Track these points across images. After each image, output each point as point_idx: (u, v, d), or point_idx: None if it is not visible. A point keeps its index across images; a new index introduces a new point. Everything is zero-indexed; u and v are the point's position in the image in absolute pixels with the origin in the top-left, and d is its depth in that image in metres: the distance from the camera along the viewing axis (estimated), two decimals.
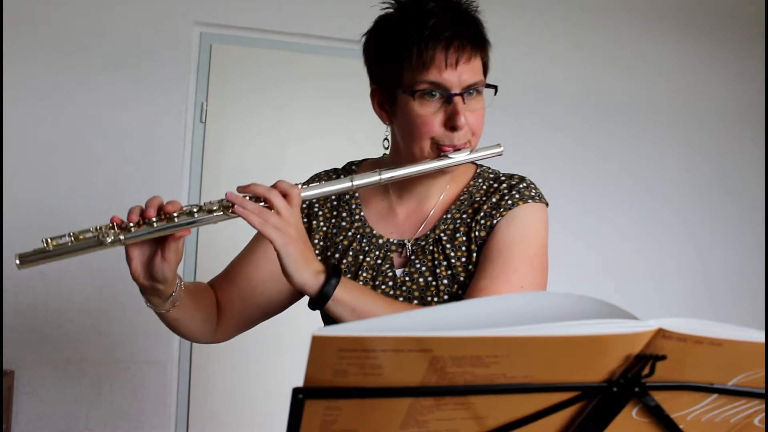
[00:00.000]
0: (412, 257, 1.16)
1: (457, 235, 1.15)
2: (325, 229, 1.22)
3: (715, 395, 0.67)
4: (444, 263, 1.14)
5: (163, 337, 2.54)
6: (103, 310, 2.54)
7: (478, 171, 1.22)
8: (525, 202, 1.14)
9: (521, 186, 1.16)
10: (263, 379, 2.66)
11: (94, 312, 2.53)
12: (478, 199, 1.17)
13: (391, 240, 1.18)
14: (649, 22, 3.18)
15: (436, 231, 1.16)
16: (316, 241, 1.21)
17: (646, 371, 0.62)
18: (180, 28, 2.67)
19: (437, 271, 1.13)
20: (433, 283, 1.13)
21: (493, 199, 1.15)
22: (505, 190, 1.15)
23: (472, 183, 1.20)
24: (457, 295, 1.12)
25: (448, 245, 1.14)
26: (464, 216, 1.16)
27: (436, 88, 1.05)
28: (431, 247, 1.15)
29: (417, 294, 1.13)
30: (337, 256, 1.19)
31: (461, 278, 1.13)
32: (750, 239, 3.25)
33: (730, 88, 3.27)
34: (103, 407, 2.54)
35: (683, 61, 3.22)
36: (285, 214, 0.97)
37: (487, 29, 1.13)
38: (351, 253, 1.18)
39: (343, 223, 1.21)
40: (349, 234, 1.19)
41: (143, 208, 0.98)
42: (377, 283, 1.15)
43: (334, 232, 1.21)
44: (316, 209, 1.23)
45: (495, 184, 1.18)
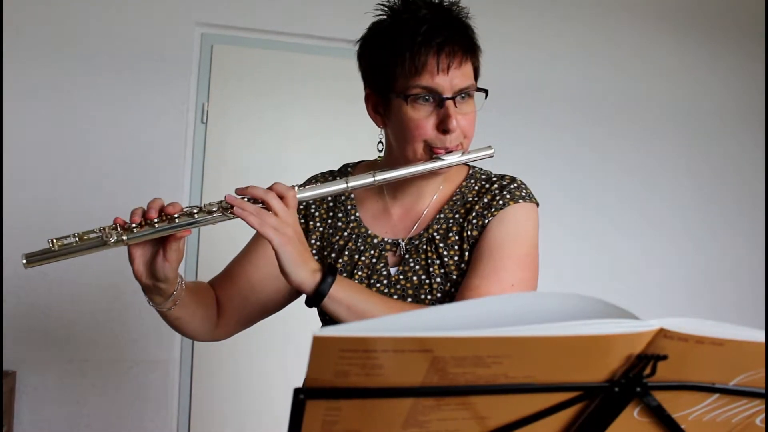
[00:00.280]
0: (406, 256, 1.19)
1: (450, 234, 1.18)
2: (321, 230, 1.24)
3: (717, 395, 0.67)
4: (437, 262, 1.16)
5: (165, 337, 2.55)
6: (105, 311, 2.54)
7: (470, 172, 1.25)
8: (516, 202, 1.17)
9: (512, 186, 1.19)
10: (265, 379, 2.66)
11: (96, 312, 2.54)
12: (470, 200, 1.20)
13: (386, 239, 1.21)
14: (648, 22, 3.18)
15: (430, 231, 1.19)
16: (313, 241, 1.24)
17: (648, 371, 0.62)
18: (181, 29, 2.67)
19: (430, 269, 1.16)
20: (427, 282, 1.16)
21: (485, 200, 1.18)
22: (497, 191, 1.18)
23: (464, 184, 1.23)
24: (449, 293, 1.15)
25: (441, 244, 1.17)
26: (457, 216, 1.19)
27: (428, 93, 1.08)
28: (425, 247, 1.18)
29: (411, 292, 1.16)
30: (333, 256, 1.22)
31: (454, 276, 1.16)
32: (751, 238, 3.25)
33: (730, 87, 3.27)
34: (105, 407, 2.54)
35: (684, 61, 3.22)
36: (282, 215, 1.00)
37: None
38: (347, 253, 1.21)
39: (339, 224, 1.24)
40: (345, 234, 1.22)
41: (145, 209, 1.01)
42: (372, 282, 1.18)
43: (331, 232, 1.24)
44: (312, 210, 1.25)
45: (487, 185, 1.21)
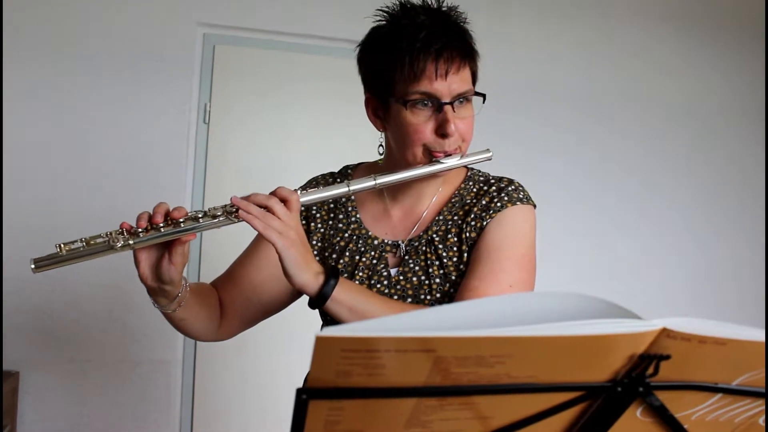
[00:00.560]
0: (406, 257, 1.20)
1: (449, 236, 1.20)
2: (322, 231, 1.26)
3: (720, 395, 0.67)
4: (436, 263, 1.18)
5: (168, 337, 2.55)
6: (108, 311, 2.54)
7: (468, 174, 1.26)
8: (513, 204, 1.18)
9: (510, 189, 1.20)
10: (267, 379, 2.66)
11: (99, 313, 2.54)
12: (469, 202, 1.22)
13: (386, 241, 1.23)
14: (649, 21, 3.18)
15: (429, 232, 1.21)
16: (314, 242, 1.26)
17: (651, 371, 0.62)
18: (183, 29, 2.68)
19: (430, 270, 1.18)
20: (426, 282, 1.18)
21: (483, 202, 1.20)
22: (494, 193, 1.20)
23: (463, 186, 1.25)
24: (449, 294, 1.17)
25: (440, 246, 1.19)
26: (455, 218, 1.21)
27: (427, 98, 1.10)
28: (424, 248, 1.20)
29: (411, 292, 1.18)
30: (335, 257, 1.24)
31: (453, 277, 1.17)
32: (753, 237, 3.24)
33: (731, 86, 3.27)
34: (108, 407, 2.54)
35: (685, 60, 3.22)
36: (285, 219, 1.02)
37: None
38: (348, 254, 1.22)
39: (340, 225, 1.25)
40: (346, 235, 1.24)
41: (151, 214, 1.02)
42: (373, 282, 1.20)
43: (332, 233, 1.26)
44: (314, 212, 1.27)
45: (485, 187, 1.23)
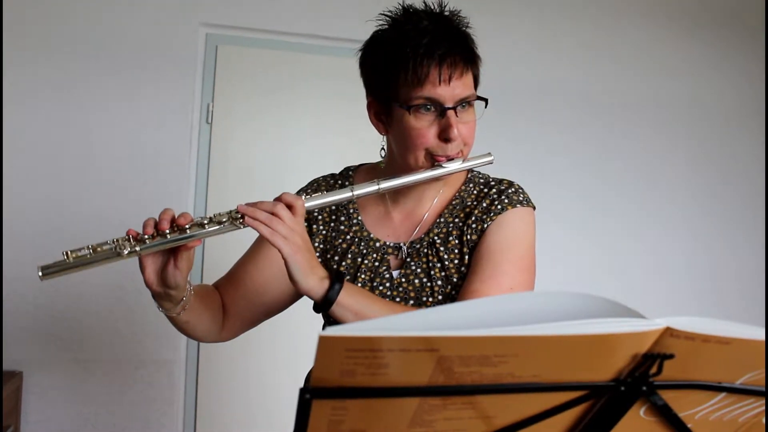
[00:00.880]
0: (408, 259, 1.21)
1: (450, 238, 1.21)
2: (324, 233, 1.27)
3: (723, 394, 0.67)
4: (438, 265, 1.19)
5: (171, 336, 2.55)
6: (111, 311, 2.55)
7: (469, 176, 1.27)
8: (513, 206, 1.19)
9: (510, 191, 1.21)
10: (271, 379, 2.67)
11: (102, 312, 2.54)
12: (470, 204, 1.23)
13: (388, 243, 1.23)
14: (654, 21, 3.17)
15: (430, 234, 1.22)
16: (317, 244, 1.27)
17: (654, 370, 0.62)
18: (186, 29, 2.68)
19: (431, 272, 1.19)
20: (428, 284, 1.19)
21: (484, 204, 1.21)
22: (495, 195, 1.21)
23: (463, 188, 1.25)
24: (450, 296, 1.18)
25: (442, 248, 1.20)
26: (456, 220, 1.22)
27: (430, 103, 1.10)
28: (425, 250, 1.21)
29: (413, 294, 1.19)
30: (337, 259, 1.25)
31: (454, 279, 1.18)
32: (756, 237, 3.24)
33: (736, 86, 3.26)
34: (111, 407, 2.55)
35: (689, 60, 3.21)
36: (291, 225, 1.03)
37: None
38: (350, 256, 1.23)
39: (342, 227, 1.26)
40: (348, 237, 1.25)
41: (156, 220, 1.03)
42: (375, 285, 1.21)
43: (333, 235, 1.26)
44: (315, 213, 1.28)
45: (485, 189, 1.24)
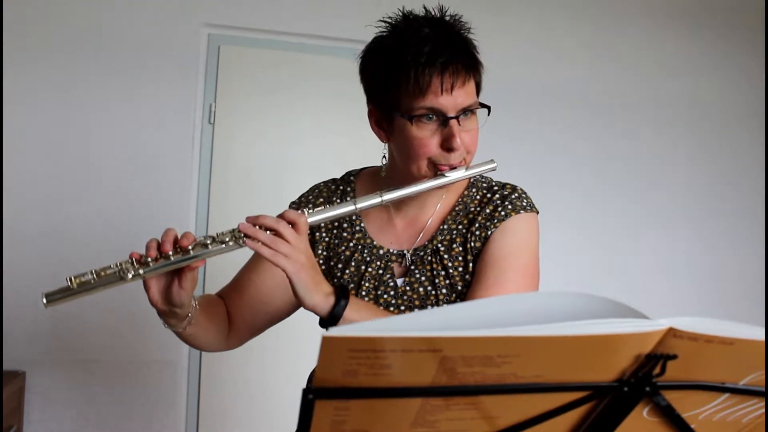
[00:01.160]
0: (412, 267, 1.20)
1: (454, 245, 1.20)
2: (327, 240, 1.26)
3: (727, 394, 0.67)
4: (442, 273, 1.18)
5: (174, 337, 2.54)
6: (113, 311, 2.55)
7: (471, 181, 1.26)
8: (517, 213, 1.18)
9: (513, 196, 1.20)
10: (273, 379, 2.67)
11: (104, 313, 2.55)
12: (473, 210, 1.22)
13: (391, 250, 1.22)
14: (655, 21, 3.17)
15: (434, 242, 1.21)
16: (320, 252, 1.26)
17: (657, 370, 0.62)
18: (188, 29, 2.68)
19: (436, 281, 1.18)
20: (433, 293, 1.18)
21: (487, 210, 1.20)
22: (498, 201, 1.20)
23: (466, 193, 1.24)
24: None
25: (446, 256, 1.19)
26: (460, 227, 1.21)
27: (432, 113, 1.09)
28: (430, 258, 1.20)
29: (418, 303, 1.18)
30: (340, 266, 1.24)
31: (459, 287, 1.17)
32: (757, 236, 3.23)
33: (737, 86, 3.25)
34: (114, 407, 2.55)
35: (691, 60, 3.21)
36: (294, 243, 1.01)
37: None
38: (353, 264, 1.22)
39: (344, 234, 1.25)
40: (351, 245, 1.24)
41: (159, 241, 1.03)
42: (379, 293, 1.20)
43: (336, 242, 1.25)
44: None
45: (488, 194, 1.22)
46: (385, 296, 1.19)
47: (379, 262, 1.21)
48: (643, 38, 3.15)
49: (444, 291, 1.17)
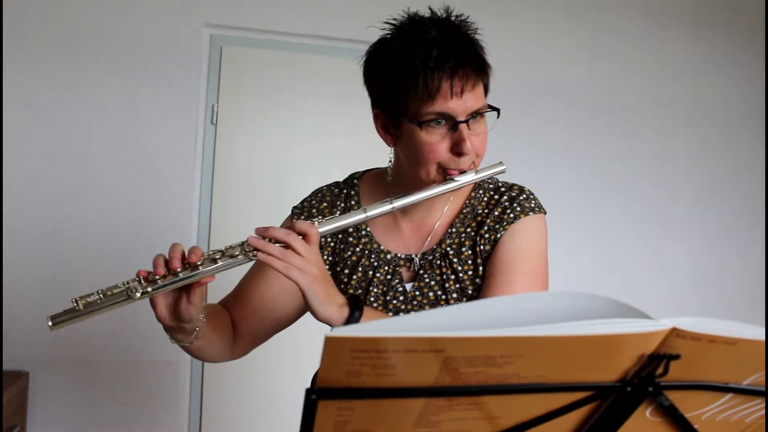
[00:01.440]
0: (421, 272, 1.19)
1: (463, 249, 1.18)
2: (333, 245, 1.24)
3: (730, 395, 0.67)
4: (452, 277, 1.17)
5: None
6: (116, 311, 2.54)
7: (478, 182, 1.23)
8: (526, 215, 1.17)
9: (521, 198, 1.19)
10: (276, 379, 2.67)
11: (107, 313, 2.55)
12: (481, 212, 1.20)
13: (399, 255, 1.21)
14: (657, 21, 3.16)
15: (443, 245, 1.19)
16: (325, 257, 1.24)
17: (660, 371, 0.61)
18: (190, 30, 2.68)
19: (446, 285, 1.17)
20: (443, 297, 1.17)
21: (496, 212, 1.18)
22: (506, 203, 1.19)
23: (473, 195, 1.23)
24: None
25: (455, 259, 1.18)
26: (468, 230, 1.20)
27: (441, 117, 1.06)
28: (438, 262, 1.18)
29: (428, 308, 1.16)
30: (347, 272, 1.22)
31: (469, 291, 1.16)
32: (758, 236, 3.22)
33: (739, 86, 3.25)
34: (117, 408, 2.55)
35: (693, 60, 3.20)
36: (306, 255, 1.00)
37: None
38: (360, 269, 1.21)
39: (350, 239, 1.23)
40: (357, 249, 1.22)
41: (167, 258, 1.00)
42: (388, 299, 1.18)
43: (342, 247, 1.24)
44: None
45: (496, 196, 1.21)
46: (395, 302, 1.18)
47: (386, 267, 1.20)
48: (643, 38, 3.15)
49: (455, 295, 1.16)
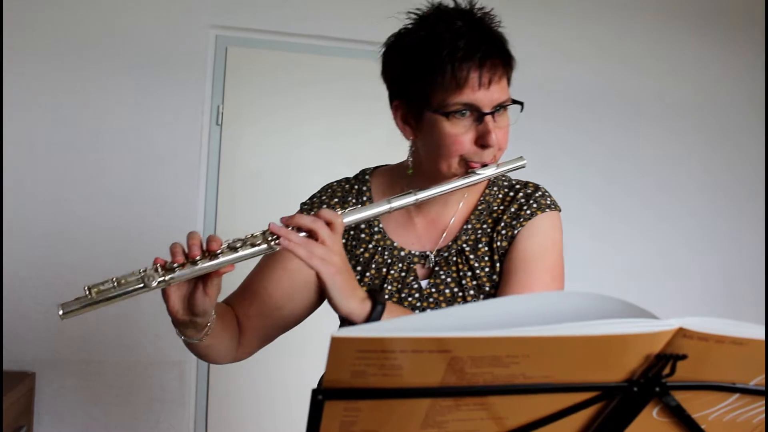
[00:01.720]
0: (436, 268, 1.17)
1: (480, 245, 1.17)
2: (344, 241, 1.21)
3: (737, 395, 0.67)
4: (469, 274, 1.15)
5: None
6: (122, 312, 2.56)
7: (492, 179, 1.22)
8: (542, 211, 1.16)
9: (537, 195, 1.18)
10: (282, 380, 2.67)
11: (113, 313, 2.55)
12: (496, 209, 1.19)
13: (413, 252, 1.19)
14: (665, 20, 3.15)
15: (458, 242, 1.18)
16: None
17: (667, 371, 0.61)
18: (196, 31, 2.69)
19: (463, 281, 1.15)
20: (460, 294, 1.15)
21: (512, 209, 1.17)
22: (523, 200, 1.18)
23: (487, 191, 1.21)
24: None
25: (472, 256, 1.16)
26: (484, 226, 1.18)
27: (467, 108, 1.05)
28: (455, 258, 1.17)
29: (444, 305, 1.14)
30: (360, 269, 1.20)
31: (486, 288, 1.15)
32: None
33: (748, 85, 3.23)
34: (123, 408, 2.56)
35: (701, 58, 3.19)
36: (329, 243, 0.97)
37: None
38: (374, 266, 1.18)
39: (362, 235, 1.21)
40: (370, 246, 1.20)
41: (185, 247, 0.97)
42: (403, 296, 1.17)
43: (354, 244, 1.21)
44: None
45: (511, 193, 1.20)
46: (410, 299, 1.16)
47: (400, 264, 1.18)
48: (656, 37, 3.13)
49: (471, 292, 1.14)
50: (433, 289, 1.16)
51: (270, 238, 0.97)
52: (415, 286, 1.17)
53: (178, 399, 2.61)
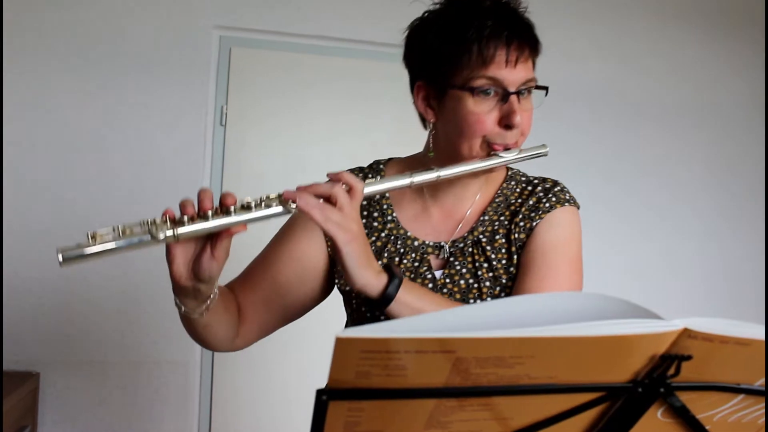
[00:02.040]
0: (451, 259, 1.15)
1: (497, 237, 1.15)
2: None
3: (742, 396, 0.66)
4: (485, 265, 1.13)
5: (186, 337, 2.54)
6: (126, 312, 2.56)
7: (509, 173, 1.22)
8: (562, 205, 1.15)
9: (556, 189, 1.17)
10: (286, 380, 2.67)
11: (117, 313, 2.56)
12: (514, 202, 1.18)
13: (427, 242, 1.17)
14: (665, 20, 3.15)
15: (475, 233, 1.16)
16: None
17: (672, 371, 0.61)
18: (199, 31, 2.69)
19: (479, 273, 1.13)
20: (475, 286, 1.13)
21: (531, 202, 1.16)
22: (541, 193, 1.16)
23: (505, 185, 1.20)
24: (498, 297, 1.12)
25: (488, 247, 1.14)
26: (502, 218, 1.17)
27: (493, 85, 1.04)
28: (471, 249, 1.15)
29: (458, 296, 1.12)
30: None
31: (503, 280, 1.13)
32: None
33: (751, 85, 3.23)
34: (127, 408, 2.57)
35: (703, 59, 3.19)
36: (347, 210, 0.94)
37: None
38: (386, 255, 1.16)
39: (375, 224, 1.19)
40: (383, 235, 1.18)
41: (195, 201, 0.92)
42: None
43: (366, 232, 1.17)
44: None
45: (529, 187, 1.19)
46: None
47: (414, 254, 1.15)
48: (658, 38, 3.13)
49: (488, 284, 1.12)
50: (448, 280, 1.13)
51: (285, 200, 0.93)
52: (429, 276, 1.14)
53: (183, 399, 2.62)
